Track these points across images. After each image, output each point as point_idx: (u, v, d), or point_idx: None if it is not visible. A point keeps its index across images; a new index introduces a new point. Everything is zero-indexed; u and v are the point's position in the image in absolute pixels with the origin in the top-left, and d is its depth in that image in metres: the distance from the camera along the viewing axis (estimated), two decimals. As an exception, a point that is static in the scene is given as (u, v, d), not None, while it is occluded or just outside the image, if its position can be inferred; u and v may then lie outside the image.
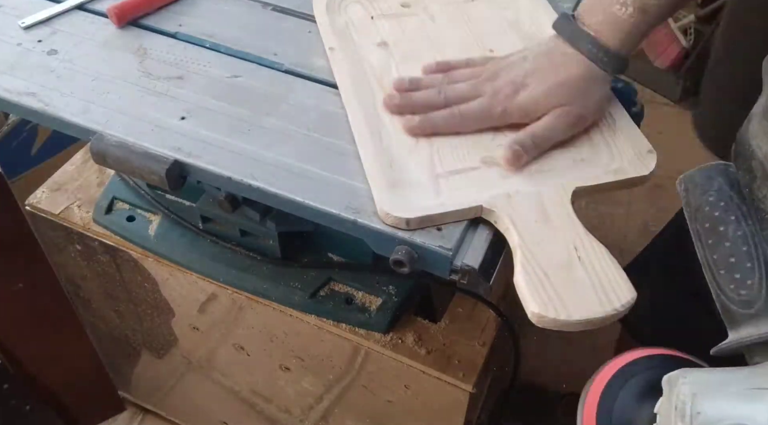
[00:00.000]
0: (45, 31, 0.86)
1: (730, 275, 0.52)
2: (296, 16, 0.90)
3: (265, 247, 0.90)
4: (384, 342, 0.87)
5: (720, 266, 0.53)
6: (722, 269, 0.52)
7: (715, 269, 0.53)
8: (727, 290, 0.52)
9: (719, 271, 0.53)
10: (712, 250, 0.54)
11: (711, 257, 0.54)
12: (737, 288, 0.51)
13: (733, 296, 0.52)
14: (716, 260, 0.53)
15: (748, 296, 0.51)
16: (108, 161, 0.74)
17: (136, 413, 1.44)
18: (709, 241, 0.54)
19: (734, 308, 0.51)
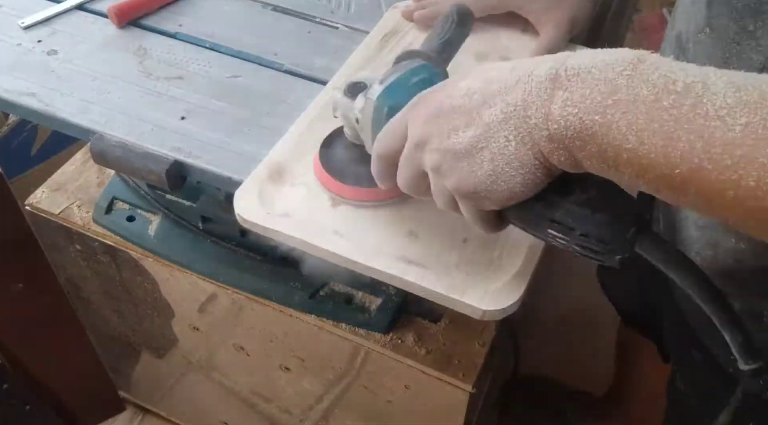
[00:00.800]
0: (45, 31, 0.86)
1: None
2: (296, 16, 0.90)
3: (265, 247, 0.89)
4: (384, 342, 0.87)
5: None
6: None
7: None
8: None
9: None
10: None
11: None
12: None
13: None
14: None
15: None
16: (108, 161, 0.74)
17: (136, 413, 1.44)
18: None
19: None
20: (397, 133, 0.52)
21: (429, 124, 0.49)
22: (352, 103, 0.60)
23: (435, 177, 0.50)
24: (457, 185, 0.48)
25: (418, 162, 0.51)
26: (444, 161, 0.48)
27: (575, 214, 0.47)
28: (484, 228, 0.52)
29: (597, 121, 0.40)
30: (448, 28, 0.65)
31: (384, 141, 0.54)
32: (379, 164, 0.56)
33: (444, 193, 0.51)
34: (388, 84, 0.56)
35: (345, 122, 0.63)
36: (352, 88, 0.60)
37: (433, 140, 0.48)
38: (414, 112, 0.51)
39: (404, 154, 0.52)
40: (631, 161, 0.40)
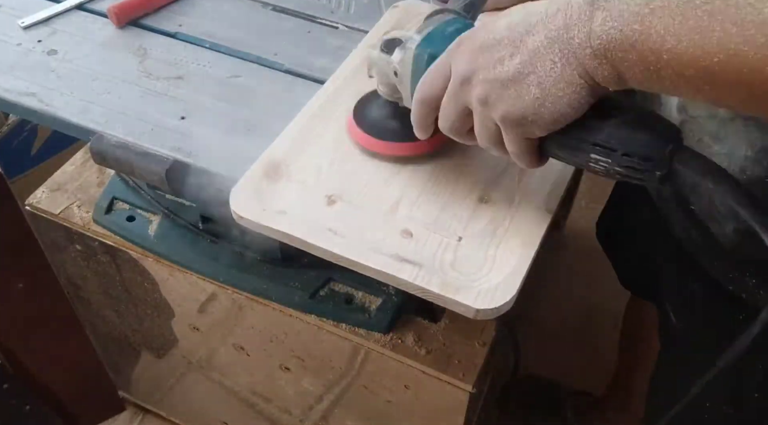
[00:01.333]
0: (45, 31, 0.86)
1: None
2: (296, 16, 0.90)
3: (265, 247, 0.89)
4: (384, 342, 0.87)
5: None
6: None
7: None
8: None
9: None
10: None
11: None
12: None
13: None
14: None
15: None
16: (108, 161, 0.74)
17: (136, 413, 1.44)
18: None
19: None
20: (440, 74, 0.54)
21: (474, 58, 0.51)
22: (390, 57, 0.61)
23: (482, 109, 0.52)
24: (505, 113, 0.50)
25: (464, 98, 0.52)
26: (492, 90, 0.50)
27: (617, 135, 0.49)
28: (528, 160, 0.54)
29: (636, 30, 0.43)
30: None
31: (426, 84, 0.56)
32: (420, 108, 0.57)
33: (489, 126, 0.52)
34: (427, 34, 0.58)
35: (381, 79, 0.64)
36: (389, 44, 0.62)
37: (480, 71, 0.50)
38: (457, 51, 0.53)
39: (448, 92, 0.54)
40: (670, 62, 0.42)
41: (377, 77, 0.65)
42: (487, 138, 0.54)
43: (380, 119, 0.67)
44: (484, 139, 0.54)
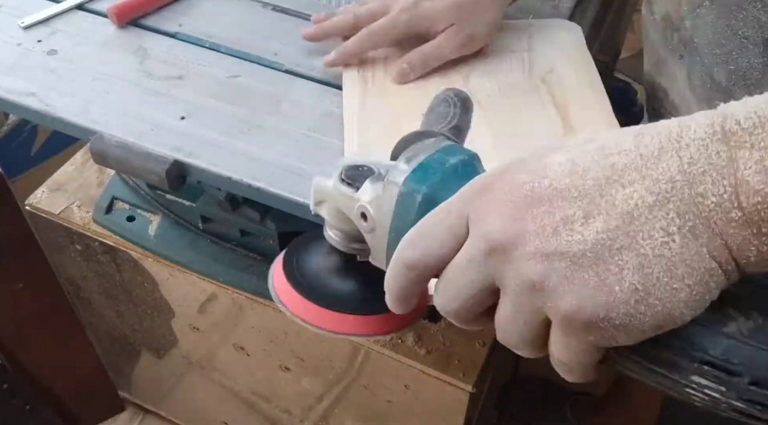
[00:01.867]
0: (45, 31, 0.86)
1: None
2: (296, 16, 0.90)
3: (265, 247, 0.89)
4: (384, 342, 0.87)
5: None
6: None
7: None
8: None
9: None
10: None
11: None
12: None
13: None
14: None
15: None
16: (108, 161, 0.74)
17: (136, 413, 1.43)
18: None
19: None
20: (447, 230, 0.36)
21: (518, 216, 0.33)
22: (355, 193, 0.43)
23: (527, 297, 0.33)
24: (577, 308, 0.31)
25: (493, 272, 0.34)
26: (552, 270, 0.32)
27: (742, 350, 0.32)
28: (582, 374, 0.36)
29: None
30: (453, 113, 0.49)
31: (423, 243, 0.37)
32: (406, 274, 0.38)
33: (535, 321, 0.34)
34: (419, 163, 0.40)
35: (335, 222, 0.46)
36: (353, 172, 0.43)
37: (531, 240, 0.33)
38: (483, 199, 0.35)
39: (463, 261, 0.36)
40: None
41: (328, 218, 0.46)
42: (520, 335, 0.35)
43: (329, 279, 0.48)
44: (515, 335, 0.36)
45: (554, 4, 0.90)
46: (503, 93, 0.77)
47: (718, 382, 0.32)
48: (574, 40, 0.83)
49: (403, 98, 0.77)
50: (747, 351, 0.31)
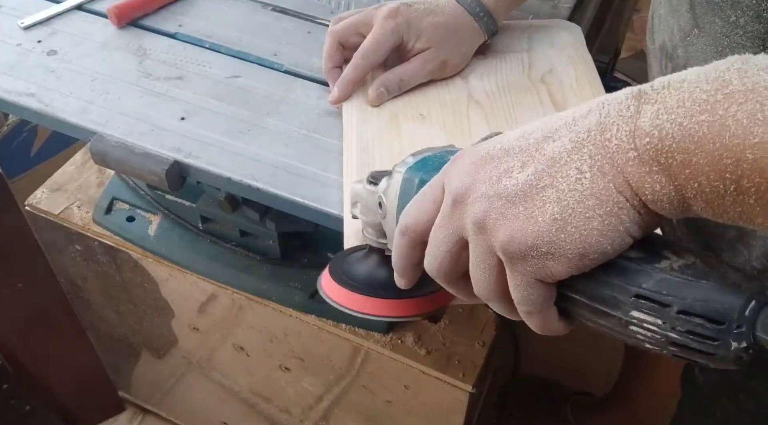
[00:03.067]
0: (44, 32, 0.86)
1: None
2: (296, 16, 0.90)
3: (265, 247, 0.89)
4: (384, 342, 0.87)
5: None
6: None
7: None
8: None
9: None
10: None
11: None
12: None
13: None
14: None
15: None
16: (108, 161, 0.74)
17: (136, 413, 1.44)
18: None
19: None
20: (430, 198, 0.43)
21: (473, 171, 0.40)
22: (376, 187, 0.51)
23: (479, 238, 0.39)
24: (509, 238, 0.37)
25: (457, 223, 0.40)
26: (492, 208, 0.38)
27: (671, 283, 0.35)
28: (543, 318, 0.40)
29: (704, 121, 0.32)
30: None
31: (413, 208, 0.44)
32: (401, 242, 0.45)
33: (488, 262, 0.39)
34: (422, 158, 0.48)
35: (365, 217, 0.53)
36: (378, 174, 0.52)
37: (478, 186, 0.39)
38: (453, 166, 0.42)
39: (438, 218, 0.42)
40: (759, 164, 0.30)
41: (362, 218, 0.54)
42: (485, 280, 0.40)
43: (360, 269, 0.54)
44: (482, 282, 0.41)
45: (554, 4, 0.90)
46: (503, 93, 0.77)
47: (654, 314, 0.35)
48: (573, 41, 0.83)
49: (401, 99, 0.77)
50: (676, 283, 0.35)
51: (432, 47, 0.75)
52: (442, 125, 0.74)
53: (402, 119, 0.74)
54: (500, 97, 0.77)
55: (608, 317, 0.37)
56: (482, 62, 0.81)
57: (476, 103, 0.76)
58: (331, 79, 0.77)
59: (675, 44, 0.66)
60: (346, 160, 0.70)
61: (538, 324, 0.41)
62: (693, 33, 0.62)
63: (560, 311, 0.40)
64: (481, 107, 0.75)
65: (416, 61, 0.76)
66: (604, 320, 0.38)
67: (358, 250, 0.57)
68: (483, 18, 0.77)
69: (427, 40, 0.75)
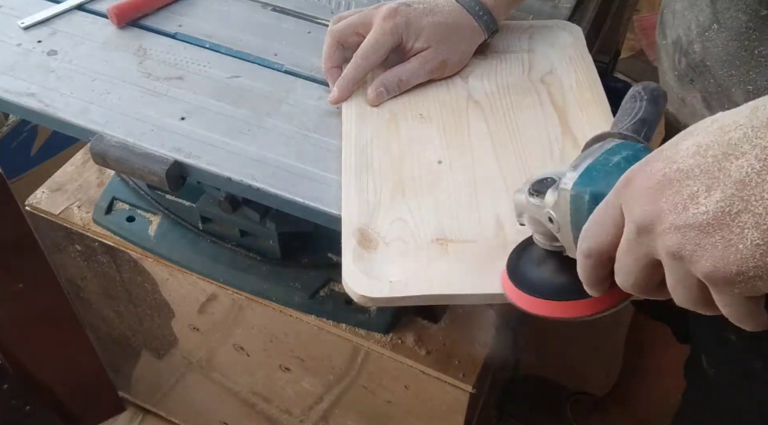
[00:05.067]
0: (45, 32, 0.86)
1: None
2: (296, 16, 0.90)
3: (265, 247, 0.90)
4: (384, 343, 0.87)
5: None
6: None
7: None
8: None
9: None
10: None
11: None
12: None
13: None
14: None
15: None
16: (108, 161, 0.74)
17: (136, 413, 1.44)
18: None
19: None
20: (609, 220, 0.43)
21: (654, 199, 0.39)
22: (542, 201, 0.51)
23: (676, 265, 0.39)
24: (713, 268, 0.37)
25: (646, 250, 0.41)
26: (686, 240, 0.37)
27: None
28: (754, 323, 0.40)
29: None
30: (639, 106, 0.55)
31: (592, 234, 0.44)
32: (588, 263, 0.46)
33: (691, 284, 0.40)
34: (584, 168, 0.47)
35: (535, 227, 0.54)
36: (539, 185, 0.52)
37: (665, 216, 0.38)
38: (628, 190, 0.41)
39: (624, 244, 0.42)
40: None
41: (529, 225, 0.55)
42: (687, 297, 0.41)
43: (541, 274, 0.55)
44: (683, 298, 0.41)
45: (554, 5, 0.90)
46: (502, 93, 0.77)
47: None
48: (573, 41, 0.83)
49: (401, 98, 0.77)
50: None
51: (431, 47, 0.75)
52: (441, 125, 0.74)
53: (401, 119, 0.74)
54: (500, 97, 0.77)
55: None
56: (482, 62, 0.81)
57: (476, 103, 0.76)
58: (331, 79, 0.77)
59: (691, 39, 0.66)
60: (344, 160, 0.70)
61: (752, 326, 0.41)
62: (712, 28, 0.61)
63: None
64: (480, 108, 0.75)
65: (416, 60, 0.76)
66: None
67: (527, 248, 0.57)
68: (483, 17, 0.77)
69: (426, 40, 0.75)
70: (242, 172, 0.70)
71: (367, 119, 0.74)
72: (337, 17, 0.78)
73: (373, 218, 0.65)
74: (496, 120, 0.74)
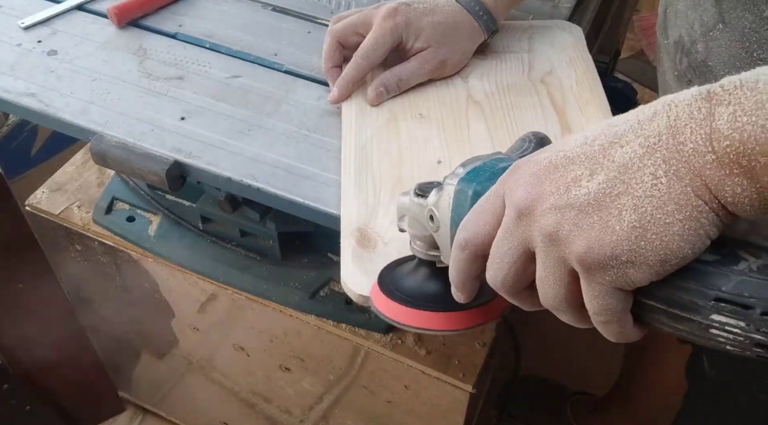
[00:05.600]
0: (45, 32, 0.86)
1: None
2: (296, 16, 0.90)
3: (265, 247, 0.89)
4: (384, 342, 0.87)
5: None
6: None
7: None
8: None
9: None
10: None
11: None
12: None
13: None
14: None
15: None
16: (108, 161, 0.74)
17: (136, 413, 1.44)
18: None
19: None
20: (489, 209, 0.42)
21: (537, 182, 0.39)
22: (424, 200, 0.50)
23: (549, 249, 0.39)
24: (587, 248, 0.36)
25: (523, 235, 0.40)
26: (564, 219, 0.37)
27: (753, 284, 0.35)
28: (619, 327, 0.39)
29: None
30: (527, 147, 0.54)
31: (470, 222, 0.43)
32: (461, 256, 0.44)
33: (560, 273, 0.39)
34: (473, 168, 0.47)
35: (414, 231, 0.53)
36: (425, 186, 0.51)
37: (546, 198, 0.38)
38: (512, 177, 0.41)
39: (501, 230, 0.41)
40: None
41: (409, 230, 0.53)
42: (556, 292, 0.40)
43: (413, 283, 0.54)
44: (551, 293, 0.40)
45: (554, 5, 0.90)
46: (502, 93, 0.77)
47: (736, 317, 0.35)
48: (573, 41, 0.83)
49: (400, 98, 0.77)
50: (757, 285, 0.35)
51: (431, 47, 0.75)
52: (441, 124, 0.74)
53: (401, 119, 0.75)
54: (499, 97, 0.77)
55: (687, 322, 0.37)
56: (482, 62, 0.81)
57: (475, 103, 0.76)
58: (331, 78, 0.77)
59: (694, 39, 0.66)
60: (344, 159, 0.70)
61: (615, 332, 0.40)
62: (717, 28, 0.61)
63: (634, 317, 0.39)
64: (480, 107, 0.75)
65: (415, 60, 0.76)
66: (682, 325, 0.37)
67: (405, 262, 0.56)
68: (482, 17, 0.77)
69: (426, 40, 0.75)
70: (242, 172, 0.70)
71: (366, 119, 0.74)
72: (337, 17, 0.78)
73: (373, 218, 0.65)
74: (496, 120, 0.74)
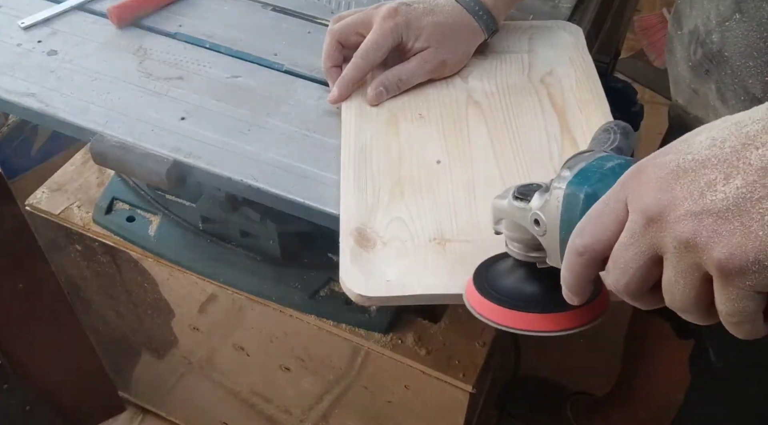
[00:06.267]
0: (45, 32, 0.86)
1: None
2: (296, 16, 0.90)
3: (265, 247, 0.89)
4: (384, 343, 0.87)
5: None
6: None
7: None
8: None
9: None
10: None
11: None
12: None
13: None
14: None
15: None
16: (108, 161, 0.74)
17: (136, 413, 1.44)
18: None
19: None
20: (611, 215, 0.41)
21: (667, 189, 0.38)
22: (527, 204, 0.49)
23: (684, 256, 0.38)
24: (728, 255, 0.35)
25: (651, 242, 0.39)
26: (702, 227, 0.36)
27: None
28: (753, 328, 0.39)
29: None
30: (614, 138, 0.55)
31: (589, 228, 0.42)
32: (579, 262, 0.43)
33: (694, 278, 0.38)
34: (579, 169, 0.46)
35: (513, 234, 0.52)
36: (524, 189, 0.50)
37: (680, 204, 0.37)
38: (636, 181, 0.40)
39: (627, 236, 0.40)
40: None
41: (507, 233, 0.53)
42: (686, 295, 0.39)
43: (512, 284, 0.54)
44: (681, 297, 0.39)
45: (554, 5, 0.90)
46: (502, 94, 0.77)
47: None
48: (574, 41, 0.83)
49: (400, 98, 0.77)
50: None
51: (431, 47, 0.75)
52: (440, 125, 0.74)
53: (401, 119, 0.75)
54: (499, 98, 0.77)
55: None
56: (482, 63, 0.81)
57: (475, 103, 0.76)
58: (331, 78, 0.77)
59: (710, 29, 0.65)
60: (343, 159, 0.70)
61: (746, 331, 0.39)
62: (734, 18, 0.61)
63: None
64: (480, 108, 0.75)
65: (415, 60, 0.76)
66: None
67: (497, 261, 0.56)
68: (482, 17, 0.77)
69: (426, 40, 0.75)
70: (242, 172, 0.70)
71: (366, 119, 0.74)
72: (337, 17, 0.78)
73: (372, 218, 0.65)
74: (496, 120, 0.74)
